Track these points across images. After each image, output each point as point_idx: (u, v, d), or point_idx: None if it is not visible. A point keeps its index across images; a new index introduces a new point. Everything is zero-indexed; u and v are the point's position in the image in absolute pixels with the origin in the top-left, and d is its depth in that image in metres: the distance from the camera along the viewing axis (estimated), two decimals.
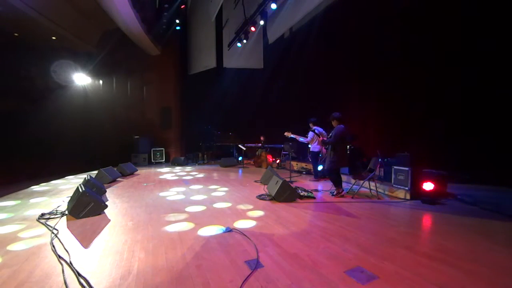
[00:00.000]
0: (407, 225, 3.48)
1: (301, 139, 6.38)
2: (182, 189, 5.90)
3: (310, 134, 6.44)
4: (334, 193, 5.09)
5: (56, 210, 4.11)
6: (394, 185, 5.06)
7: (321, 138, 5.71)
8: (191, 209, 4.26)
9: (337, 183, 5.07)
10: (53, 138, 8.57)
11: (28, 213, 4.08)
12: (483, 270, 2.26)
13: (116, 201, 4.81)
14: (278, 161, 9.67)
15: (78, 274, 2.22)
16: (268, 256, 2.55)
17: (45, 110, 8.54)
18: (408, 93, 6.15)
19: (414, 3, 5.80)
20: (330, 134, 5.20)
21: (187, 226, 3.45)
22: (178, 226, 3.46)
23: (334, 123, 5.14)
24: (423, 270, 2.26)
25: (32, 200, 4.89)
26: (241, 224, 3.50)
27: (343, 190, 5.06)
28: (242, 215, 3.91)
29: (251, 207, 4.32)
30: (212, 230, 3.28)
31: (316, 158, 6.73)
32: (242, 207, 4.34)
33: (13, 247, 2.82)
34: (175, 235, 3.15)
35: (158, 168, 9.90)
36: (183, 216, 3.89)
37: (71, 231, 3.28)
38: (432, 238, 3.10)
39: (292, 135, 6.03)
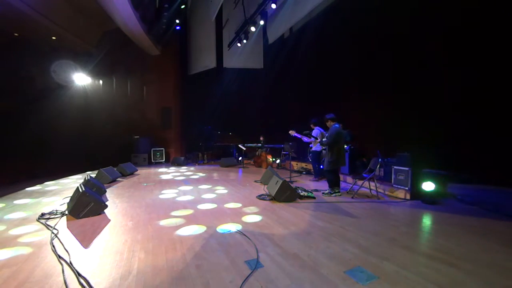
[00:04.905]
0: (407, 225, 3.47)
1: (305, 139, 6.37)
2: (182, 189, 5.89)
3: (315, 131, 6.43)
4: (326, 192, 5.14)
5: (56, 210, 4.10)
6: (394, 185, 5.06)
7: (318, 140, 5.72)
8: (191, 209, 4.25)
9: (334, 183, 5.09)
10: (53, 138, 8.56)
11: (28, 213, 4.08)
12: (483, 270, 2.26)
13: (116, 201, 4.81)
14: (277, 161, 9.67)
15: (78, 274, 2.22)
16: (268, 256, 2.55)
17: (45, 110, 8.53)
18: (408, 93, 6.15)
19: (414, 2, 5.80)
20: (326, 134, 5.22)
21: (187, 226, 3.45)
22: (178, 226, 3.46)
23: (328, 124, 5.18)
24: (423, 270, 2.26)
25: (32, 200, 4.89)
26: (241, 224, 3.50)
27: (339, 191, 5.09)
28: (242, 215, 3.91)
29: (251, 207, 4.32)
30: (212, 230, 3.28)
31: (317, 158, 6.72)
32: (242, 207, 4.35)
33: (13, 247, 2.82)
34: (175, 235, 3.15)
35: (158, 168, 9.90)
36: (183, 216, 3.89)
37: (71, 231, 3.28)
38: (432, 238, 3.10)
39: (295, 134, 6.03)
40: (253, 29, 9.02)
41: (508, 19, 4.58)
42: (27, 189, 5.90)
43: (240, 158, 10.37)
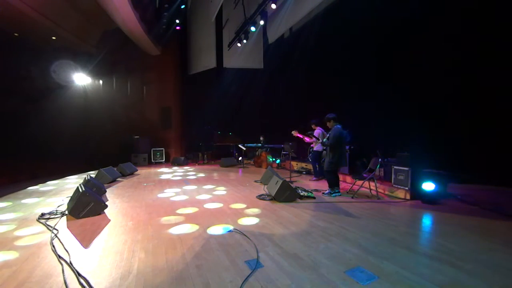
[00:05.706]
0: (407, 225, 3.48)
1: (306, 139, 6.37)
2: (182, 189, 5.90)
3: (316, 132, 6.43)
4: (326, 192, 5.14)
5: (56, 210, 4.11)
6: (394, 185, 5.06)
7: (320, 141, 5.73)
8: (191, 209, 4.25)
9: (334, 184, 5.09)
10: (53, 138, 8.58)
11: (28, 213, 4.07)
12: (483, 270, 2.26)
13: (116, 201, 4.81)
14: (277, 161, 9.67)
15: (78, 274, 2.22)
16: (268, 256, 2.55)
17: (45, 110, 8.55)
18: (409, 93, 6.15)
19: (414, 2, 5.80)
20: (328, 135, 5.20)
21: (187, 226, 3.45)
22: (178, 226, 3.46)
23: (329, 124, 5.14)
24: (423, 270, 2.26)
25: (32, 200, 4.89)
26: (241, 224, 3.50)
27: (339, 191, 5.08)
28: (242, 215, 3.91)
29: (251, 207, 4.32)
30: (212, 230, 3.28)
31: (318, 158, 6.73)
32: (242, 207, 4.34)
33: (13, 247, 2.82)
34: (175, 235, 3.15)
35: (158, 168, 9.90)
36: (183, 216, 3.89)
37: (71, 231, 3.28)
38: (432, 238, 3.10)
39: (298, 134, 6.02)
40: (253, 29, 9.02)
41: (508, 20, 4.58)
42: (27, 189, 5.90)
43: (240, 158, 10.37)
